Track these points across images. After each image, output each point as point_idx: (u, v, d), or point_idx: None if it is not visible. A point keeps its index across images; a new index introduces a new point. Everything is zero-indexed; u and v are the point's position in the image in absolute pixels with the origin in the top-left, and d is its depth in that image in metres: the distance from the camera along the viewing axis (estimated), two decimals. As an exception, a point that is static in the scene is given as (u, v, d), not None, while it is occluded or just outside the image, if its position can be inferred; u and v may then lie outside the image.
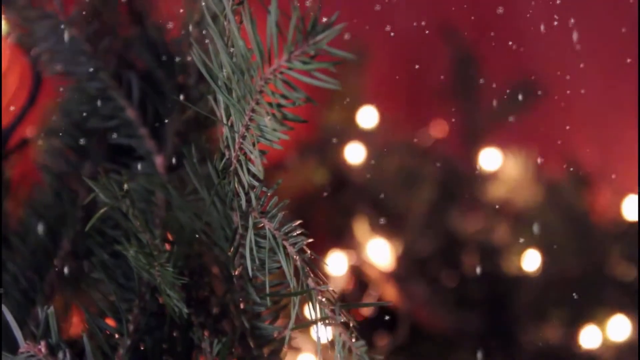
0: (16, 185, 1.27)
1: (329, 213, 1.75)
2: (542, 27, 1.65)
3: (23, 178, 1.27)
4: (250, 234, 0.94)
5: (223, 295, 1.03)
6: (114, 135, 1.17)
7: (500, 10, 1.76)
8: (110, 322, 1.02)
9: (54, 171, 1.20)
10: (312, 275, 0.90)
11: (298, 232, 0.91)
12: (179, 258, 1.01)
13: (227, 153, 0.95)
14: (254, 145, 0.90)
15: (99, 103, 1.17)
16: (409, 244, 1.74)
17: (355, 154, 1.80)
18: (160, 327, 1.02)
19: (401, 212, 1.76)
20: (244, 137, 0.91)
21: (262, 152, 0.91)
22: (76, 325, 1.19)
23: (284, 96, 0.85)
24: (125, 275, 1.04)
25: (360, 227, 1.73)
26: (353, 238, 1.73)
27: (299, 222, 0.92)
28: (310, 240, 0.91)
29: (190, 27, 1.17)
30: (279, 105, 0.86)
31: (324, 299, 0.89)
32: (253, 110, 0.88)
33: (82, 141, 1.19)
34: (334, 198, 1.77)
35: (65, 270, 1.14)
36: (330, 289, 0.90)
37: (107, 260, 1.05)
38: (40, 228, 1.16)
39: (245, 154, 0.93)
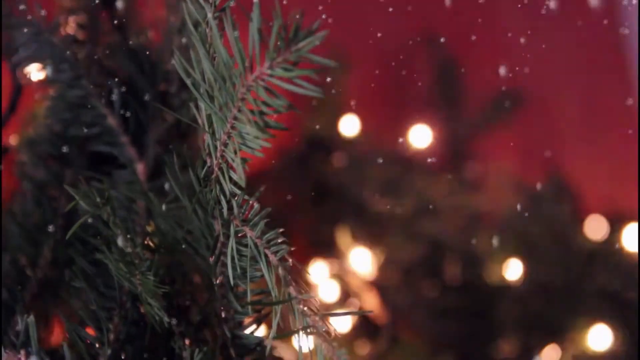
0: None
1: (311, 221, 1.75)
2: (525, 37, 1.65)
3: (3, 186, 1.26)
4: (232, 242, 0.93)
5: (204, 304, 1.03)
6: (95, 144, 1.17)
7: (482, 19, 1.76)
8: (90, 331, 1.02)
9: (35, 179, 1.19)
10: (293, 284, 0.90)
11: (280, 240, 0.91)
12: (160, 266, 1.01)
13: (208, 161, 0.95)
14: (235, 152, 0.90)
15: (80, 111, 1.16)
16: (391, 253, 1.73)
17: (337, 162, 1.80)
18: (141, 336, 1.02)
19: (383, 220, 1.76)
20: (225, 145, 0.91)
21: (244, 160, 0.90)
22: (56, 335, 1.18)
23: (266, 103, 0.84)
24: (106, 283, 1.03)
25: (343, 236, 1.73)
26: (335, 247, 1.73)
27: (280, 230, 0.91)
28: (292, 248, 0.91)
29: (172, 35, 1.17)
30: (261, 113, 0.85)
31: (305, 308, 0.89)
32: (235, 118, 0.88)
33: (63, 149, 1.18)
34: (316, 206, 1.76)
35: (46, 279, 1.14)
36: (312, 297, 0.89)
37: (87, 269, 1.04)
38: (5, 257, 1.15)
39: (227, 161, 0.92)
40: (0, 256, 1.15)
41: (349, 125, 1.84)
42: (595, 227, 1.80)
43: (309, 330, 0.88)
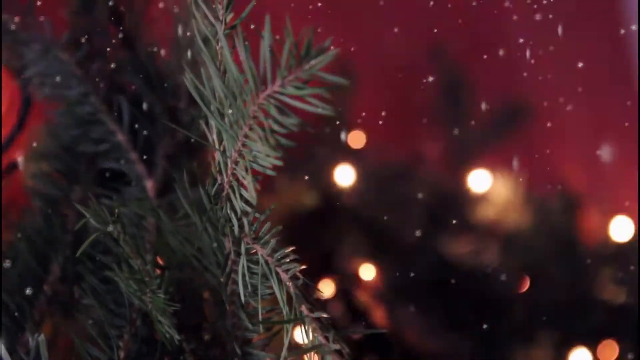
0: (5, 209, 1.26)
1: (318, 236, 1.75)
2: (531, 49, 1.65)
3: (12, 202, 1.26)
4: (243, 260, 0.93)
5: (214, 322, 1.03)
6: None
7: (488, 31, 1.76)
8: (100, 348, 1.01)
9: (44, 195, 1.19)
10: (305, 302, 0.90)
11: (291, 258, 0.91)
12: (170, 284, 1.00)
13: (219, 178, 0.94)
14: (247, 170, 0.90)
15: (89, 127, 1.16)
16: (398, 267, 1.73)
17: (344, 176, 1.80)
18: (151, 354, 1.01)
19: (390, 234, 1.75)
20: (236, 163, 0.91)
21: (255, 178, 0.90)
22: (63, 351, 1.18)
23: (277, 121, 0.84)
24: (115, 301, 1.03)
25: (350, 251, 1.72)
26: (342, 261, 1.72)
27: (291, 248, 0.91)
28: (304, 267, 0.90)
29: (181, 50, 1.17)
30: (273, 131, 0.85)
31: (317, 326, 0.89)
32: (246, 136, 0.88)
33: (71, 165, 1.18)
34: (323, 221, 1.76)
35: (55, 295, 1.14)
36: (324, 315, 0.89)
37: (97, 286, 1.04)
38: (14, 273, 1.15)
39: (237, 179, 0.92)
40: (1, 267, 1.16)
41: (356, 140, 1.84)
42: (603, 239, 1.80)
43: (321, 349, 0.87)
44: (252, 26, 0.86)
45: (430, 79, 1.86)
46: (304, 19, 0.90)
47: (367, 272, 1.72)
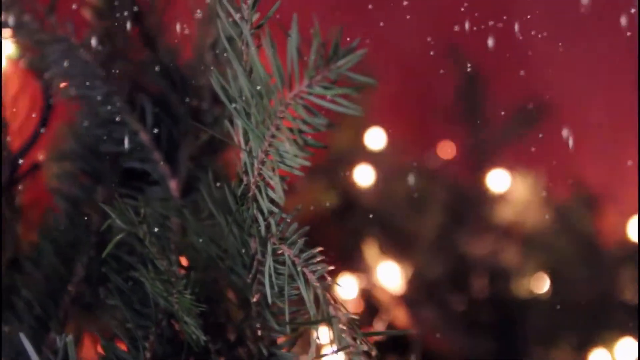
0: (28, 210, 1.26)
1: (338, 236, 1.74)
2: (548, 48, 1.65)
3: (35, 203, 1.26)
4: (270, 261, 0.93)
5: (240, 322, 1.02)
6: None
7: (504, 30, 1.76)
8: (125, 348, 1.01)
9: (67, 196, 1.19)
10: (332, 302, 0.89)
11: (318, 259, 0.90)
12: (196, 284, 1.00)
13: (245, 178, 0.94)
14: (273, 170, 0.89)
15: (112, 127, 1.16)
16: (418, 267, 1.73)
17: (364, 176, 1.80)
18: (177, 354, 1.01)
19: (410, 234, 1.75)
20: (263, 163, 0.90)
21: (283, 178, 0.90)
22: (87, 351, 1.18)
23: (305, 122, 0.84)
24: (141, 301, 1.03)
25: (370, 250, 1.72)
26: (363, 261, 1.72)
27: (319, 249, 0.91)
28: (331, 267, 0.90)
29: (204, 50, 1.17)
30: (300, 131, 0.85)
31: (344, 327, 0.88)
32: (273, 136, 0.87)
33: (95, 166, 1.18)
34: (343, 221, 1.76)
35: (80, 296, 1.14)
36: (352, 317, 0.88)
37: (123, 286, 1.04)
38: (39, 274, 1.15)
39: (264, 179, 0.92)
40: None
41: (376, 139, 1.84)
42: (622, 239, 1.80)
43: (349, 351, 0.87)
44: (280, 26, 0.86)
45: (448, 77, 1.86)
46: (323, 18, 0.89)
47: (387, 271, 1.72)
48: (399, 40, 1.83)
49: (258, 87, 0.87)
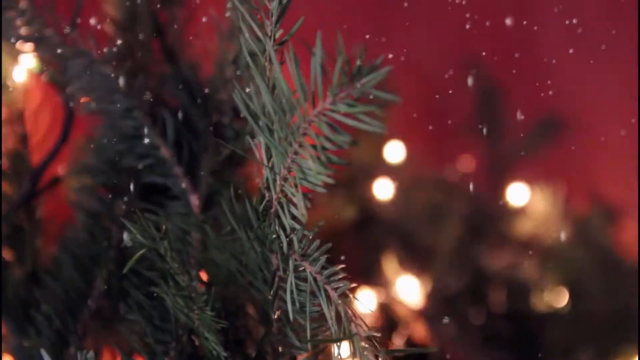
0: (48, 223, 1.26)
1: (357, 249, 1.74)
2: (567, 61, 1.64)
3: (55, 216, 1.26)
4: (291, 277, 0.92)
5: (261, 338, 1.02)
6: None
7: (523, 43, 1.75)
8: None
9: (87, 210, 1.19)
10: (354, 320, 0.89)
11: (341, 276, 0.90)
12: (217, 300, 1.00)
13: (267, 194, 0.94)
14: (296, 187, 0.89)
15: (132, 141, 1.16)
16: (437, 281, 1.72)
17: (383, 189, 1.79)
18: (197, 370, 1.01)
19: (429, 248, 1.75)
20: (285, 179, 0.90)
21: (306, 195, 0.89)
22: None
23: (328, 139, 0.84)
24: (161, 316, 1.03)
25: (389, 264, 1.72)
26: (382, 275, 1.72)
27: (341, 266, 0.90)
28: (354, 285, 0.89)
29: (225, 65, 1.17)
30: (324, 148, 0.84)
31: (366, 345, 0.88)
32: (296, 153, 0.87)
33: (115, 180, 1.18)
34: (362, 234, 1.76)
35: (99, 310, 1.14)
36: (375, 334, 0.88)
37: (143, 302, 1.04)
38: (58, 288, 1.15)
39: (286, 196, 0.91)
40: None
41: (395, 152, 1.83)
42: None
43: (371, 368, 0.86)
44: (304, 43, 0.86)
45: (468, 90, 1.85)
46: (344, 32, 0.89)
47: (406, 285, 1.72)
48: (419, 53, 1.83)
49: (281, 103, 0.86)
